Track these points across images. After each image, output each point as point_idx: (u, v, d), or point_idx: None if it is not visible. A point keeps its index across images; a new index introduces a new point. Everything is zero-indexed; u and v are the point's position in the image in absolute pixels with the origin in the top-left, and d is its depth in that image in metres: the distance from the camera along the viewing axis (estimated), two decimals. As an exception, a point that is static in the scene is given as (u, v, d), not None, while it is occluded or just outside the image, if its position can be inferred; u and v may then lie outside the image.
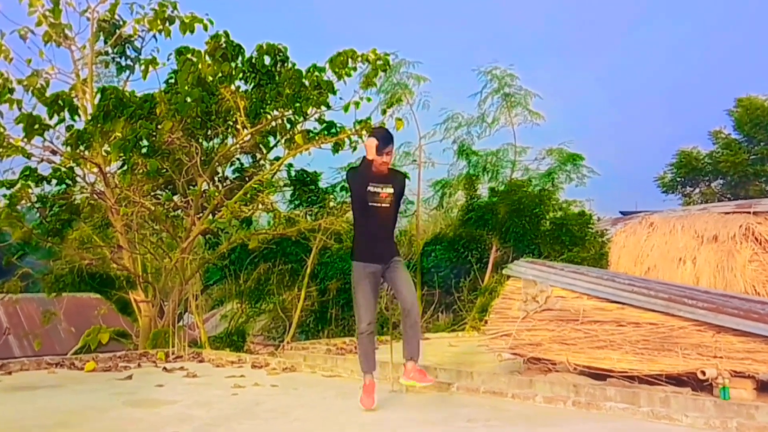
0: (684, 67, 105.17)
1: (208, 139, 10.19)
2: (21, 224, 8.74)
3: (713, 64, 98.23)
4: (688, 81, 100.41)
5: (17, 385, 6.55)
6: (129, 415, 5.18)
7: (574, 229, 13.91)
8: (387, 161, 5.38)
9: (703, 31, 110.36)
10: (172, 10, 10.25)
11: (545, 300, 6.96)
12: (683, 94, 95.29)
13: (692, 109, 76.37)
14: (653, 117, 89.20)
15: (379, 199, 5.37)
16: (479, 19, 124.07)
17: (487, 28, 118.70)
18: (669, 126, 76.21)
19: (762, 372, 5.96)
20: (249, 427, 4.77)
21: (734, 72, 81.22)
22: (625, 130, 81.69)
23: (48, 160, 9.06)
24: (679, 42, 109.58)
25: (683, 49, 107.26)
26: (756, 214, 10.94)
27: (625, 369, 6.43)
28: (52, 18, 9.97)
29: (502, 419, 5.04)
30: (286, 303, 12.48)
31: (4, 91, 9.04)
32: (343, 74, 9.58)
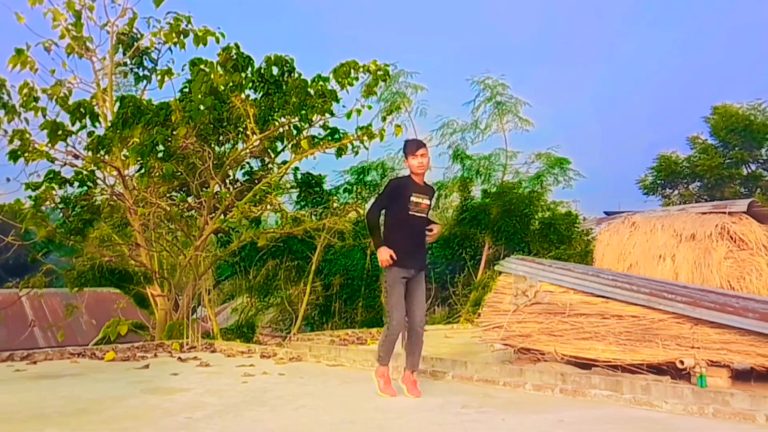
0: (664, 77, 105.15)
1: (220, 144, 10.19)
2: (45, 224, 8.74)
3: (692, 74, 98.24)
4: (669, 90, 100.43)
5: (42, 373, 6.55)
6: (146, 402, 5.17)
7: (561, 229, 13.91)
8: (423, 163, 5.36)
9: (683, 44, 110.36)
10: (186, 24, 10.27)
11: (534, 294, 6.95)
12: (664, 102, 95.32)
13: (672, 116, 76.43)
14: (635, 123, 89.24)
15: (420, 210, 5.38)
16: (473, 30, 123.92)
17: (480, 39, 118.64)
18: (650, 132, 76.26)
19: (736, 361, 5.96)
20: (258, 413, 4.76)
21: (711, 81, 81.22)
22: (609, 135, 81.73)
23: (71, 164, 9.06)
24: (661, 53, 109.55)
25: (664, 60, 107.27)
26: (731, 215, 10.93)
27: (609, 359, 6.42)
28: (75, 31, 9.97)
29: (494, 405, 5.03)
30: (292, 297, 12.47)
31: (30, 99, 9.04)
32: (345, 84, 9.57)
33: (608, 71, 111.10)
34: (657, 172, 24.12)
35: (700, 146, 23.86)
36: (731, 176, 22.97)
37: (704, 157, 23.12)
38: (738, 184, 23.12)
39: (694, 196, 23.39)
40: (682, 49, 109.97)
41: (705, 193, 23.24)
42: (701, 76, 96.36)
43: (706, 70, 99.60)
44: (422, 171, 5.39)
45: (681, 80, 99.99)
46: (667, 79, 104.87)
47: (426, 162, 5.40)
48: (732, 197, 20.03)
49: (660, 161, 24.01)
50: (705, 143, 23.90)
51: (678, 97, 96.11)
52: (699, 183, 23.93)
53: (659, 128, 73.87)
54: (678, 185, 24.37)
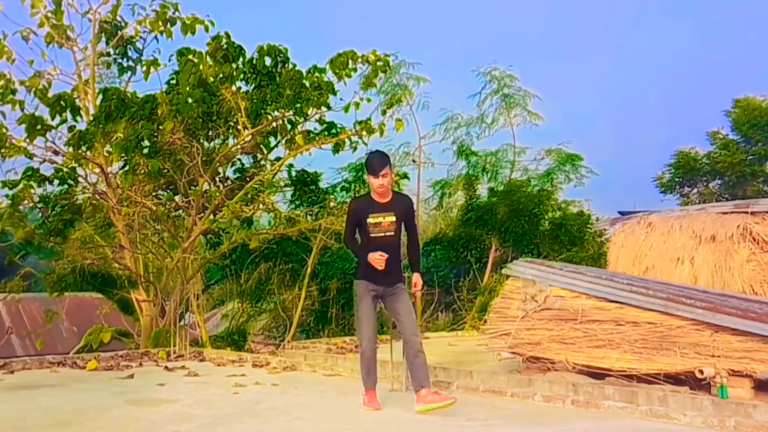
0: (682, 68, 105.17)
1: (210, 139, 10.19)
2: (23, 224, 8.75)
3: (711, 64, 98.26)
4: (687, 82, 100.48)
5: (20, 384, 6.55)
6: (130, 413, 5.18)
7: (572, 229, 13.91)
8: (383, 184, 5.31)
9: (702, 33, 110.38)
10: (173, 12, 10.26)
11: (544, 299, 6.95)
12: (681, 95, 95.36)
13: (690, 110, 76.43)
14: (651, 118, 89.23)
15: (382, 229, 5.33)
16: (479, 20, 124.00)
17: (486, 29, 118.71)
18: (667, 126, 76.23)
19: (759, 371, 5.96)
20: (250, 425, 4.77)
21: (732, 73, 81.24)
22: (624, 130, 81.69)
23: (50, 161, 9.06)
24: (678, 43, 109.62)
25: (681, 50, 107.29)
26: (753, 214, 10.94)
27: (623, 368, 6.42)
28: (54, 19, 9.97)
29: (501, 418, 5.03)
30: (286, 302, 12.48)
31: (7, 91, 9.04)
32: (343, 75, 9.57)
33: (621, 62, 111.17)
34: (675, 170, 24.12)
35: (720, 141, 23.87)
36: (754, 173, 22.97)
37: (725, 153, 23.12)
38: (761, 181, 23.12)
39: (714, 194, 23.40)
40: (700, 39, 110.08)
41: (726, 191, 23.25)
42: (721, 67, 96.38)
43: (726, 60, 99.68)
44: (382, 190, 5.34)
45: (699, 71, 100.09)
46: (685, 71, 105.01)
47: (387, 182, 5.34)
48: (755, 196, 20.01)
49: (678, 158, 24.02)
50: (726, 138, 23.90)
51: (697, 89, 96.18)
52: (719, 181, 23.94)
53: (677, 122, 73.91)
54: (697, 183, 24.38)
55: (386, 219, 5.33)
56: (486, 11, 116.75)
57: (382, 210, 5.34)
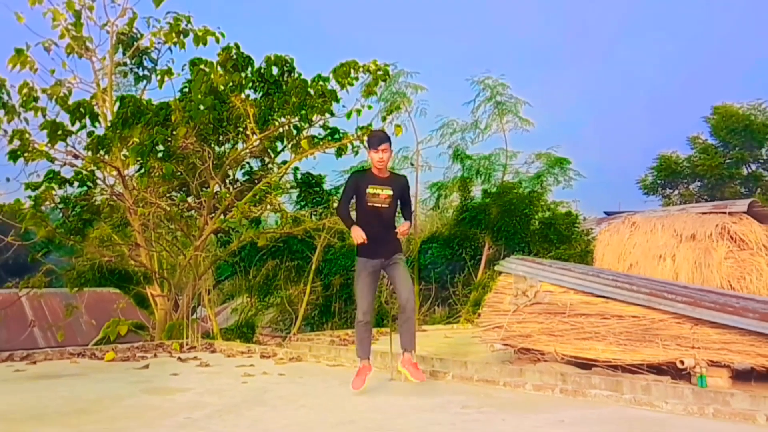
0: (665, 77, 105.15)
1: (220, 144, 10.18)
2: (45, 224, 8.74)
3: (692, 73, 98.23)
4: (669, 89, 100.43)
5: (41, 373, 6.55)
6: (146, 402, 5.17)
7: (561, 228, 13.90)
8: (383, 158, 5.39)
9: (683, 43, 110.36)
10: (186, 24, 10.26)
11: (534, 294, 6.95)
12: (664, 102, 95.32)
13: (672, 116, 76.41)
14: (635, 123, 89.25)
15: (379, 201, 5.41)
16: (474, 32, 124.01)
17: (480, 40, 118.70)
18: (650, 132, 76.24)
19: (737, 362, 5.96)
20: (258, 413, 4.76)
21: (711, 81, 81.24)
22: (609, 135, 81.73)
23: (70, 164, 9.06)
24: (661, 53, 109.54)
25: (664, 60, 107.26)
26: (731, 215, 10.95)
27: (609, 359, 6.42)
28: (74, 31, 9.97)
29: (494, 406, 5.03)
30: (292, 297, 12.46)
31: (30, 99, 9.04)
32: (345, 83, 9.56)
33: (608, 71, 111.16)
34: (657, 172, 24.11)
35: (700, 146, 23.86)
36: (731, 176, 22.96)
37: (704, 157, 23.12)
38: (738, 184, 23.12)
39: (694, 196, 23.39)
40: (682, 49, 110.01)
41: (705, 193, 23.24)
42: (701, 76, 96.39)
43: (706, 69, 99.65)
44: (382, 165, 5.42)
45: (681, 80, 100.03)
46: (667, 79, 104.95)
47: (386, 157, 5.43)
48: (732, 197, 20.02)
49: (660, 161, 24.01)
50: (705, 143, 23.90)
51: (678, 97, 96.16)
52: (699, 183, 23.93)
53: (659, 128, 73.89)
54: (678, 185, 24.37)
55: (384, 192, 5.42)
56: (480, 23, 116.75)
57: (381, 184, 5.43)
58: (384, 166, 5.44)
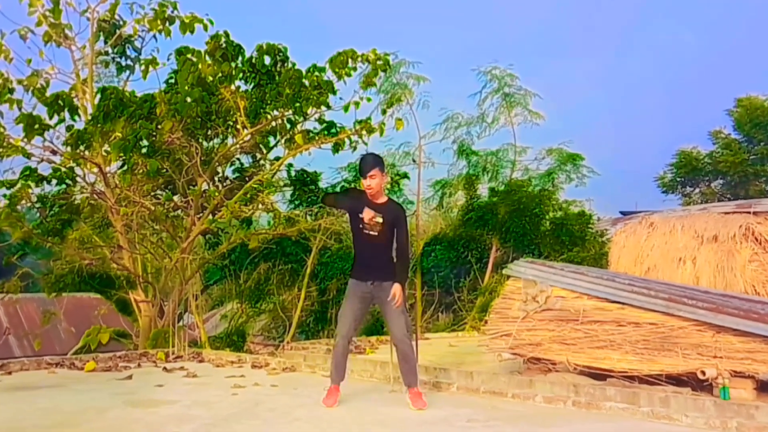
0: (684, 67, 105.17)
1: (208, 139, 10.19)
2: (21, 224, 8.75)
3: (714, 63, 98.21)
4: (689, 81, 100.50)
5: (17, 385, 6.55)
6: (129, 415, 5.18)
7: (574, 229, 13.91)
8: (371, 185, 5.48)
9: (704, 31, 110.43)
10: (172, 10, 10.26)
11: (545, 300, 6.95)
12: (683, 94, 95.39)
13: (692, 109, 76.40)
14: (653, 117, 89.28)
15: (369, 225, 5.48)
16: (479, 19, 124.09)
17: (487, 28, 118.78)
18: (669, 126, 76.24)
19: (762, 372, 5.96)
20: (249, 426, 4.77)
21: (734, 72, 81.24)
22: (625, 130, 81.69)
23: (48, 160, 9.06)
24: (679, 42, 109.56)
25: (683, 49, 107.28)
26: (756, 214, 10.93)
27: (625, 369, 6.42)
28: (52, 18, 9.97)
29: (502, 419, 5.04)
30: (286, 303, 12.49)
31: (4, 91, 9.04)
32: (343, 74, 9.57)
33: (623, 61, 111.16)
34: (676, 169, 24.12)
35: (722, 141, 23.86)
36: (756, 173, 22.96)
37: (727, 153, 23.12)
38: (763, 181, 23.12)
39: (716, 194, 23.40)
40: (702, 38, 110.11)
41: (728, 191, 23.25)
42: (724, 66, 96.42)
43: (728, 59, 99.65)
44: (371, 192, 5.51)
45: (702, 71, 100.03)
46: (687, 70, 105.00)
47: (375, 183, 5.49)
48: (757, 196, 20.01)
49: (680, 157, 24.02)
50: (728, 138, 23.89)
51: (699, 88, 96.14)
52: (722, 180, 23.94)
53: (679, 122, 73.92)
54: (699, 183, 24.38)
55: (376, 219, 5.50)
56: (487, 10, 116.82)
57: (374, 209, 5.50)
58: (374, 192, 5.52)
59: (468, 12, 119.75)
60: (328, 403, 5.45)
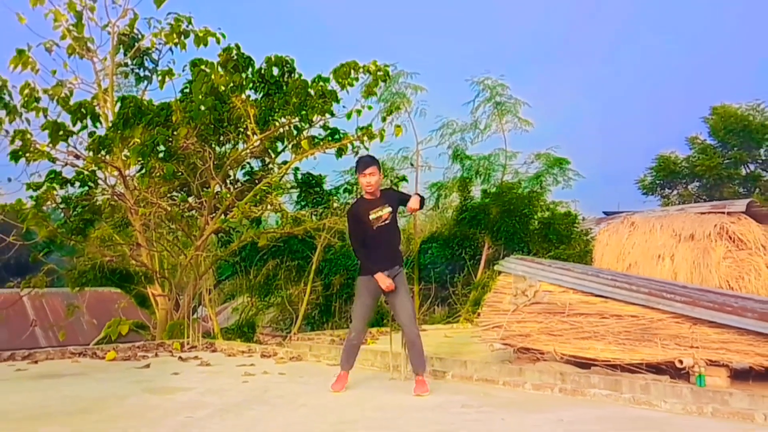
0: (664, 78, 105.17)
1: (221, 144, 10.19)
2: (46, 224, 8.75)
3: (692, 74, 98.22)
4: (668, 90, 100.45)
5: (43, 373, 6.55)
6: (147, 401, 5.18)
7: (560, 228, 13.90)
8: (371, 182, 5.47)
9: (682, 45, 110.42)
10: (187, 25, 10.28)
11: (534, 294, 6.95)
12: (663, 103, 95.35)
13: (671, 117, 76.41)
14: (635, 124, 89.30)
15: (382, 220, 5.53)
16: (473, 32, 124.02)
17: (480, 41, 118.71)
18: (649, 132, 76.26)
19: (735, 361, 5.96)
20: (258, 412, 4.76)
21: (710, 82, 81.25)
22: (609, 136, 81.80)
23: (72, 164, 9.07)
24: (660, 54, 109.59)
25: (663, 61, 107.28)
26: (730, 214, 10.93)
27: (608, 358, 6.42)
28: (76, 32, 9.98)
29: (494, 405, 5.03)
30: (292, 297, 12.46)
31: (31, 100, 9.05)
32: (345, 84, 9.56)
33: (608, 72, 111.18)
34: (656, 173, 24.11)
35: (699, 146, 23.86)
36: (730, 176, 22.96)
37: (703, 158, 23.12)
38: (737, 184, 23.11)
39: (692, 196, 23.39)
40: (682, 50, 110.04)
41: (704, 193, 23.24)
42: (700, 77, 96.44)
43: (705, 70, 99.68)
44: (371, 189, 5.50)
45: (680, 81, 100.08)
46: (667, 80, 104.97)
47: (374, 180, 5.48)
48: (731, 197, 20.01)
49: (659, 161, 24.01)
50: (704, 143, 23.89)
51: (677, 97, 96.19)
52: (698, 183, 23.93)
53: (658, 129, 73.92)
54: (677, 185, 24.37)
55: (384, 211, 5.53)
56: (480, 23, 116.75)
57: (378, 205, 5.53)
58: (373, 189, 5.52)
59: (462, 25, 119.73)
60: (336, 388, 5.46)
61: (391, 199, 5.64)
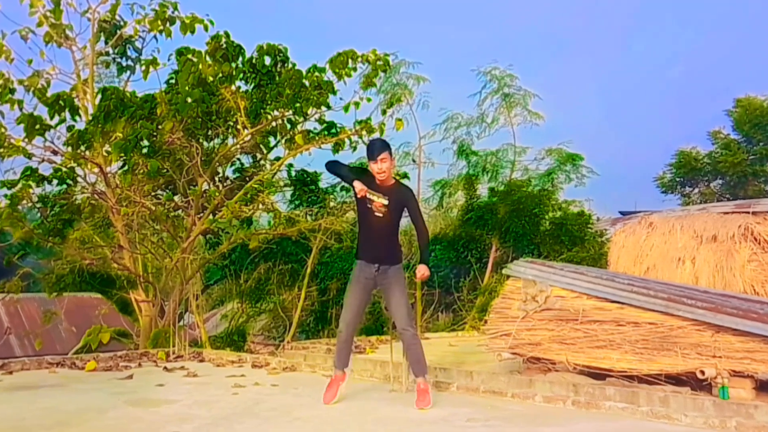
0: (684, 67, 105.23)
1: (209, 139, 10.19)
2: (22, 224, 8.76)
3: (713, 64, 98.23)
4: (688, 81, 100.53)
5: (18, 384, 6.55)
6: (130, 414, 5.18)
7: (573, 229, 13.91)
8: (383, 169, 5.42)
9: (703, 32, 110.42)
10: (172, 11, 10.26)
11: (545, 300, 6.95)
12: (683, 94, 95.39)
13: (691, 110, 76.48)
14: (652, 117, 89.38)
15: (374, 207, 5.47)
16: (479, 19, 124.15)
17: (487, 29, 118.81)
18: (668, 126, 76.36)
19: (761, 371, 5.96)
20: (249, 426, 4.77)
21: (734, 72, 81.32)
22: (625, 130, 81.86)
23: (49, 161, 9.07)
24: (679, 43, 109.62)
25: (683, 50, 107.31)
26: (755, 214, 10.94)
27: (624, 368, 6.42)
28: (53, 18, 9.97)
29: (502, 419, 5.04)
30: (286, 303, 12.48)
31: (6, 91, 9.04)
32: (343, 74, 9.57)
33: (623, 62, 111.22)
34: (676, 169, 24.12)
35: (722, 141, 23.86)
36: (755, 173, 22.96)
37: (726, 153, 23.12)
38: (762, 181, 23.12)
39: (715, 194, 23.40)
40: (702, 38, 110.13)
41: (727, 191, 23.24)
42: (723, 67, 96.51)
43: (728, 60, 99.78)
44: (383, 177, 5.45)
45: (701, 71, 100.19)
46: (687, 70, 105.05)
47: (386, 167, 5.43)
48: (756, 196, 20.01)
49: (679, 157, 24.01)
50: (727, 138, 23.89)
51: (698, 88, 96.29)
52: (721, 181, 23.93)
53: (678, 122, 74.02)
54: (698, 183, 24.38)
55: (379, 200, 5.48)
56: (487, 10, 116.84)
57: (379, 191, 5.49)
58: (386, 176, 5.47)
59: (468, 12, 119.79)
60: (328, 399, 5.44)
61: (396, 196, 5.54)
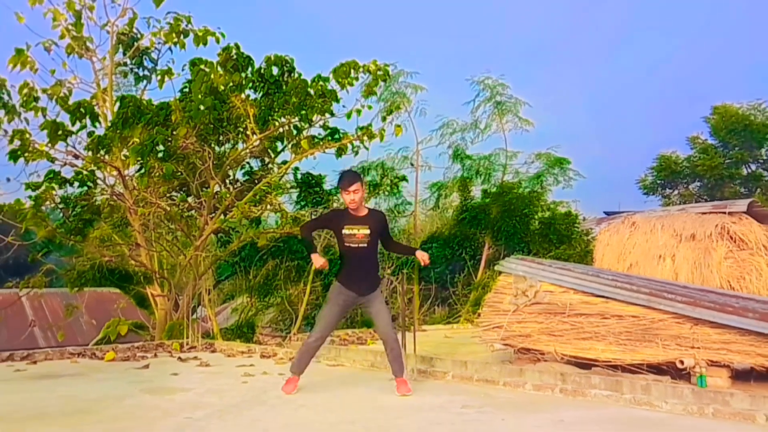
0: (666, 76, 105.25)
1: (220, 144, 10.18)
2: (46, 224, 8.75)
3: (693, 73, 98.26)
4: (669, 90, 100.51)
5: (42, 373, 6.55)
6: (146, 402, 5.18)
7: (561, 229, 13.89)
8: (355, 199, 5.34)
9: (683, 44, 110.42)
10: (186, 24, 10.26)
11: (534, 294, 6.95)
12: (664, 102, 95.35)
13: (671, 117, 76.46)
14: (635, 124, 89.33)
15: (356, 240, 5.38)
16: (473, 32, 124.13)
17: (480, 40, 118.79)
18: (650, 132, 76.30)
19: (736, 361, 5.96)
20: (258, 413, 4.76)
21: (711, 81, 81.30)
22: (609, 135, 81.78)
23: (71, 164, 9.06)
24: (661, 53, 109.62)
25: (664, 60, 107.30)
26: (731, 214, 10.95)
27: (609, 359, 6.42)
28: (75, 31, 9.97)
29: (494, 405, 5.03)
30: (292, 297, 12.46)
31: (30, 99, 9.04)
32: (345, 84, 9.56)
33: (608, 71, 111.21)
34: (657, 172, 24.12)
35: (700, 146, 23.86)
36: (731, 176, 22.97)
37: (704, 157, 23.12)
38: (738, 184, 23.12)
39: (694, 196, 23.40)
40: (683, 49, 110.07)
41: (705, 193, 23.24)
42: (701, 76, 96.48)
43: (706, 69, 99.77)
44: (354, 206, 5.38)
45: (681, 80, 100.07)
46: (668, 79, 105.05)
47: (358, 197, 5.35)
48: (732, 197, 20.02)
49: (660, 161, 24.01)
50: (705, 143, 23.90)
51: (678, 97, 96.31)
52: (699, 183, 23.93)
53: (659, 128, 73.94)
54: (678, 185, 24.37)
55: (360, 231, 5.39)
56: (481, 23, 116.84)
57: (357, 223, 5.39)
58: (357, 206, 5.39)
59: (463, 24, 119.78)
60: (288, 390, 5.41)
61: (374, 222, 5.46)
